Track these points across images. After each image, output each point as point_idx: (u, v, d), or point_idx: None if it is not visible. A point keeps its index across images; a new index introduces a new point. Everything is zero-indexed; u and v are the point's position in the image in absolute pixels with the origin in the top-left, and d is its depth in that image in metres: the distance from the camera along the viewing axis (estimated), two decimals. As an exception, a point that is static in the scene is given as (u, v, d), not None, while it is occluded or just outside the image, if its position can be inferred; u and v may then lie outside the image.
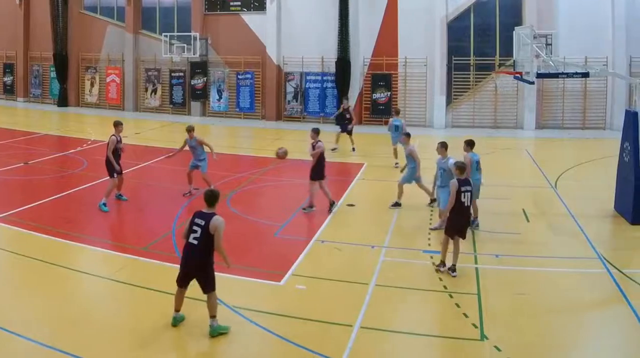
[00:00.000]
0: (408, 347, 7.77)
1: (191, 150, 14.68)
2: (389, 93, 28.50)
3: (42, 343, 7.38)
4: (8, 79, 37.05)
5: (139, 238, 12.00)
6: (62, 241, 11.31)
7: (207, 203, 7.83)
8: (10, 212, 12.98)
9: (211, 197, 7.85)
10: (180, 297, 7.95)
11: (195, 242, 7.65)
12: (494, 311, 8.54)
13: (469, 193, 9.76)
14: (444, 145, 12.08)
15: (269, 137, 25.68)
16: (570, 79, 20.57)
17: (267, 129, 28.01)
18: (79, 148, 21.34)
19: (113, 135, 13.88)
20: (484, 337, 7.76)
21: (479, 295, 9.10)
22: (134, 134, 24.47)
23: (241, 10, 31.06)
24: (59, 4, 33.68)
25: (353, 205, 14.28)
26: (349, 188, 15.98)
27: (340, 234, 12.02)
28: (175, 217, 12.94)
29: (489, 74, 27.49)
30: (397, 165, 17.76)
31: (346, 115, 21.69)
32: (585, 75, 16.27)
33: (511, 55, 18.51)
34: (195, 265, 7.72)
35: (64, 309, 8.45)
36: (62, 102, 34.45)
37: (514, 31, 17.04)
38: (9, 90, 37.03)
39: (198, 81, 31.52)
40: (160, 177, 17.42)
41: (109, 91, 33.94)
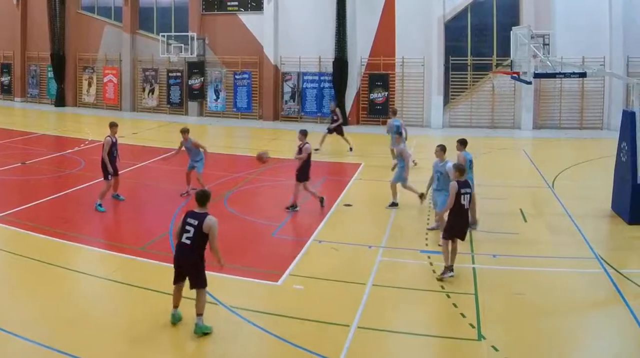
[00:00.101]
0: (405, 347, 7.78)
1: (187, 151, 14.74)
2: (386, 93, 28.49)
3: (40, 343, 7.37)
4: (5, 78, 36.99)
5: (136, 238, 11.99)
6: (60, 241, 11.30)
7: (199, 203, 7.91)
8: (8, 212, 12.96)
9: (202, 197, 7.93)
10: (177, 293, 8.02)
11: (188, 242, 7.71)
12: (492, 311, 8.55)
13: (468, 196, 9.67)
14: (443, 149, 11.86)
15: (266, 137, 25.66)
16: (568, 79, 20.58)
17: (265, 129, 27.98)
18: (76, 148, 21.31)
19: (108, 136, 13.86)
20: (481, 337, 7.77)
21: (476, 295, 9.10)
22: (132, 134, 24.45)
23: (238, 10, 31.05)
24: (56, 3, 33.60)
25: (350, 205, 14.29)
26: (346, 188, 15.98)
27: (337, 234, 12.02)
28: (173, 217, 12.92)
29: (486, 74, 27.49)
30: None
31: (333, 117, 21.80)
32: (583, 75, 16.28)
33: (508, 55, 18.49)
34: (187, 263, 7.80)
35: (61, 309, 8.44)
36: (60, 102, 34.40)
37: (512, 31, 17.03)
38: (7, 90, 36.94)
39: (195, 81, 31.50)
40: (158, 177, 17.40)
41: (107, 91, 33.89)
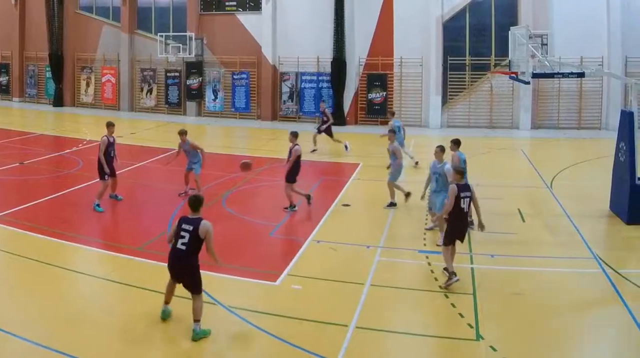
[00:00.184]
0: (403, 347, 7.78)
1: (185, 153, 14.73)
2: (384, 93, 28.48)
3: (38, 343, 7.36)
4: (3, 79, 36.92)
5: (134, 238, 11.96)
6: (58, 241, 11.29)
7: (192, 209, 7.89)
8: (6, 212, 12.95)
9: (195, 202, 7.91)
10: (170, 290, 8.06)
11: (184, 248, 7.70)
12: (490, 311, 8.55)
13: (468, 199, 9.49)
14: (443, 150, 11.78)
15: (264, 137, 25.64)
16: (566, 79, 20.65)
17: (263, 129, 27.96)
18: (74, 148, 21.28)
19: (105, 136, 13.82)
20: (479, 337, 7.77)
21: (474, 295, 9.11)
22: (130, 134, 24.43)
23: (237, 10, 31.03)
24: (54, 4, 33.58)
25: (348, 205, 14.28)
26: (345, 188, 15.97)
27: (335, 234, 12.01)
28: (171, 217, 12.86)
29: (484, 74, 27.48)
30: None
31: (322, 118, 21.79)
32: (581, 75, 16.28)
33: (507, 55, 18.55)
34: (183, 269, 7.78)
35: (59, 309, 8.44)
36: (58, 102, 34.37)
37: (510, 31, 17.06)
38: (5, 90, 36.88)
39: (193, 81, 31.47)
40: (156, 177, 17.39)
41: (105, 91, 33.85)
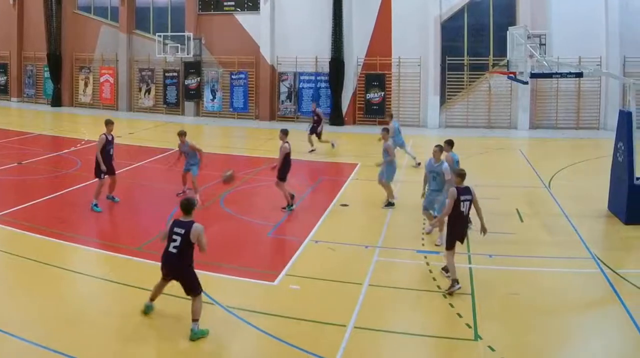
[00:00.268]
0: (402, 347, 7.77)
1: (184, 154, 14.71)
2: (382, 93, 28.50)
3: (36, 343, 7.35)
4: (2, 78, 36.86)
5: (132, 238, 11.95)
6: (56, 241, 11.28)
7: (184, 212, 7.92)
8: (4, 212, 12.92)
9: (187, 206, 7.94)
10: (159, 287, 8.16)
11: (175, 251, 7.76)
12: (488, 311, 8.56)
13: (468, 202, 9.39)
14: (441, 149, 11.80)
15: (262, 137, 25.61)
16: (564, 79, 20.62)
17: (261, 129, 27.95)
18: (72, 148, 21.26)
19: (103, 134, 13.77)
20: (477, 337, 7.78)
21: (472, 295, 9.11)
22: (128, 134, 24.42)
23: (235, 10, 31.02)
24: (52, 4, 33.54)
25: (347, 205, 14.28)
26: (343, 189, 15.97)
27: (333, 234, 12.01)
28: (169, 217, 12.87)
29: (482, 73, 27.52)
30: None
31: (314, 117, 21.77)
32: (579, 75, 16.27)
33: (505, 55, 18.51)
34: (174, 271, 7.85)
35: (57, 309, 8.43)
36: (56, 102, 34.32)
37: (508, 31, 17.08)
38: (3, 90, 36.82)
39: (192, 81, 31.46)
40: (154, 177, 17.38)
41: (103, 91, 33.83)
